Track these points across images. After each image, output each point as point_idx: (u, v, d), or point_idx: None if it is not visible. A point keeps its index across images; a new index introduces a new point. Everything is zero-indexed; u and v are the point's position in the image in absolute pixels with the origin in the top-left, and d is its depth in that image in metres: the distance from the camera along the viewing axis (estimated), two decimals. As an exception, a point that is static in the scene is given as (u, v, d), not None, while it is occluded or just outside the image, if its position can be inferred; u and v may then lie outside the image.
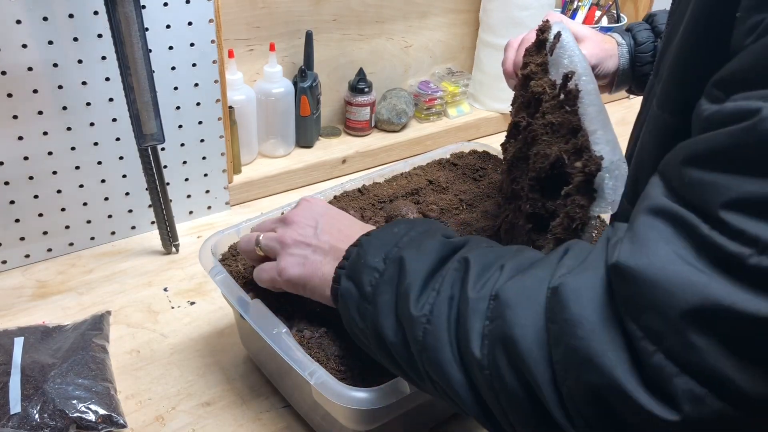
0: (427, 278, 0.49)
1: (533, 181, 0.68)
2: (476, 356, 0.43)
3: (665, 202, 0.37)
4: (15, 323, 0.81)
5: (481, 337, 0.43)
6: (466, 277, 0.46)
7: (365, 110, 1.25)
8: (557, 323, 0.39)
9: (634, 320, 0.36)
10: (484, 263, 0.47)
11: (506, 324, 0.41)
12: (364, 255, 0.54)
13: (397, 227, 0.56)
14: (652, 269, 0.35)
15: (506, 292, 0.43)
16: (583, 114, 0.63)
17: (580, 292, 0.39)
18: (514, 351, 0.41)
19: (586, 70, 0.65)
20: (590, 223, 0.62)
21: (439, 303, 0.47)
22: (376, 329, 0.52)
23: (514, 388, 0.41)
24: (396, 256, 0.52)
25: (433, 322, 0.47)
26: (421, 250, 0.51)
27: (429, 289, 0.48)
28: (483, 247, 0.51)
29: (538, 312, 0.41)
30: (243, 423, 0.72)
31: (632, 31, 0.85)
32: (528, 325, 0.41)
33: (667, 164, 0.40)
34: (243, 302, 0.67)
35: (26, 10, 0.77)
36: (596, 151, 0.60)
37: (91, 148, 0.90)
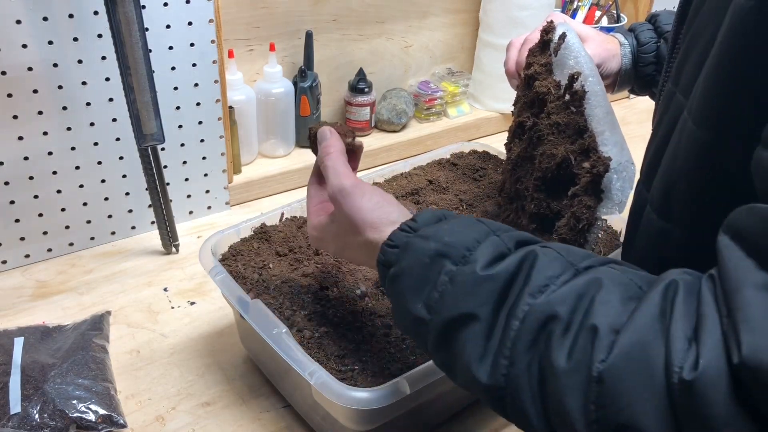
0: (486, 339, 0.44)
1: (539, 181, 0.68)
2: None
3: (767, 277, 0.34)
4: (15, 323, 0.81)
5: (586, 420, 0.38)
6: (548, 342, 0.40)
7: (365, 110, 1.25)
8: (697, 421, 0.34)
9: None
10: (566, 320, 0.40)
11: (622, 414, 0.36)
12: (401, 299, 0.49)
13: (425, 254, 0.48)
14: None
15: (613, 374, 0.37)
16: (590, 115, 0.63)
17: (716, 385, 0.34)
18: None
19: (592, 71, 0.65)
20: (596, 224, 0.62)
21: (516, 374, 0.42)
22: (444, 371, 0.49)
23: None
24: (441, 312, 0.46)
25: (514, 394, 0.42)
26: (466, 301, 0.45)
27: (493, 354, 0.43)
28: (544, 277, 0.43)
29: (658, 394, 0.35)
30: (243, 423, 0.72)
31: (635, 32, 0.85)
32: (649, 413, 0.35)
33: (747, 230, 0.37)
34: (243, 302, 0.67)
35: (26, 10, 0.77)
36: (604, 152, 0.60)
37: (91, 148, 0.90)
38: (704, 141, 0.49)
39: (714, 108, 0.48)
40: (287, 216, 0.83)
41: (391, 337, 0.66)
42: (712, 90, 0.48)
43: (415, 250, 0.49)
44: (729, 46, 0.45)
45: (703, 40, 0.52)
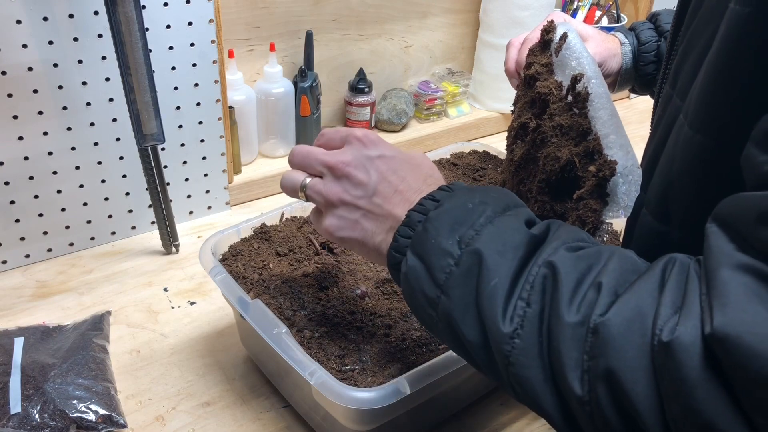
0: (513, 281, 0.45)
1: (542, 184, 0.68)
2: (576, 391, 0.41)
3: (744, 258, 0.36)
4: (15, 323, 0.81)
5: (580, 370, 0.40)
6: (557, 291, 0.43)
7: (365, 110, 1.25)
8: (671, 381, 0.37)
9: (744, 393, 0.34)
10: (577, 277, 0.43)
11: (610, 363, 0.39)
12: (434, 232, 0.48)
13: (470, 200, 0.50)
14: (753, 337, 0.33)
15: (607, 328, 0.39)
16: (594, 117, 0.63)
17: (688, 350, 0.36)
18: (621, 393, 0.39)
19: (595, 72, 0.64)
20: (602, 227, 0.62)
21: (529, 317, 0.43)
22: (450, 322, 0.48)
23: (618, 427, 0.40)
24: (473, 244, 0.47)
25: (523, 338, 0.43)
26: (504, 242, 0.46)
27: (516, 298, 0.44)
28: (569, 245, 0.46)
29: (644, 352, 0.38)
30: (243, 423, 0.72)
31: (635, 31, 0.85)
32: (636, 367, 0.38)
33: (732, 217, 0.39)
34: (243, 302, 0.67)
35: (26, 10, 0.77)
36: (609, 155, 0.60)
37: (91, 148, 0.90)
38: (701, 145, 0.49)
39: (711, 113, 0.48)
40: (287, 216, 0.83)
41: (391, 337, 0.66)
42: (708, 95, 0.48)
43: (461, 196, 0.51)
44: (725, 52, 0.46)
45: (699, 43, 0.52)
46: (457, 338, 0.48)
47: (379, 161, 0.55)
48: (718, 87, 0.47)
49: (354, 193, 0.54)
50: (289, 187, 0.58)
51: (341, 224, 0.54)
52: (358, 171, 0.54)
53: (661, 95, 0.62)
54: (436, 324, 0.49)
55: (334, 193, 0.54)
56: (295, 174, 0.57)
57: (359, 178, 0.54)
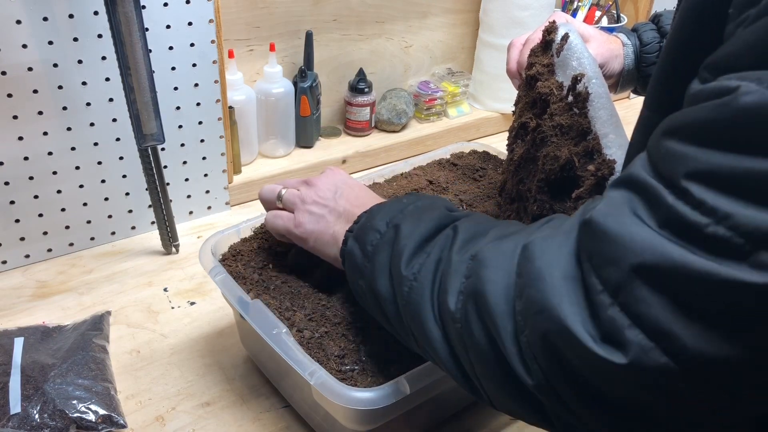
0: (421, 242, 0.53)
1: (542, 183, 0.68)
2: (451, 309, 0.47)
3: (640, 173, 0.39)
4: (15, 323, 0.81)
5: (457, 293, 0.47)
6: (454, 241, 0.51)
7: (365, 110, 1.25)
8: (523, 276, 0.42)
9: (597, 274, 0.38)
10: (473, 232, 0.51)
11: (479, 280, 0.45)
12: (371, 219, 0.59)
13: (406, 198, 0.61)
14: (616, 227, 0.38)
15: (484, 252, 0.47)
16: (593, 117, 0.63)
17: (548, 249, 0.42)
18: (483, 305, 0.44)
19: (596, 73, 0.64)
20: None
21: (428, 264, 0.51)
22: (371, 286, 0.56)
23: (481, 341, 0.45)
24: (396, 222, 0.57)
25: (419, 280, 0.51)
26: (421, 218, 0.56)
27: (421, 252, 0.53)
28: (479, 219, 0.55)
29: (510, 270, 0.44)
30: (243, 423, 0.72)
31: (638, 32, 0.85)
32: (498, 281, 0.44)
33: (652, 138, 0.41)
34: (243, 302, 0.67)
35: (26, 10, 0.77)
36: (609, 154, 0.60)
37: (91, 148, 0.90)
38: (651, 121, 0.51)
39: (663, 91, 0.50)
40: (287, 216, 0.82)
41: (391, 337, 0.66)
42: (661, 73, 0.50)
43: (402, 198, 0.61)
44: (681, 28, 0.48)
45: None
46: (375, 298, 0.56)
47: (344, 180, 0.69)
48: (670, 65, 0.49)
49: (323, 194, 0.67)
50: (267, 193, 0.71)
51: (311, 218, 0.66)
52: (327, 183, 0.68)
53: None
54: (365, 293, 0.58)
55: (309, 194, 0.67)
56: (273, 185, 0.72)
57: (328, 187, 0.68)
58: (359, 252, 0.58)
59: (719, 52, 0.38)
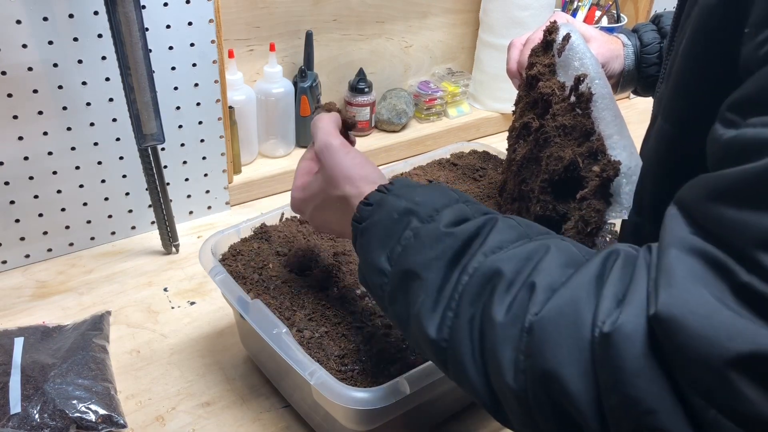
0: (438, 292, 0.46)
1: (545, 184, 0.68)
2: (512, 388, 0.40)
3: (695, 240, 0.35)
4: (15, 323, 0.81)
5: (515, 369, 0.40)
6: (491, 296, 0.42)
7: (365, 110, 1.25)
8: (610, 371, 0.36)
9: (683, 374, 0.34)
10: (509, 278, 0.42)
11: (547, 362, 0.38)
12: (367, 248, 0.51)
13: (395, 210, 0.51)
14: (694, 318, 0.33)
15: (543, 325, 0.39)
16: (597, 118, 0.63)
17: (631, 338, 0.35)
18: (559, 390, 0.38)
19: (599, 73, 0.64)
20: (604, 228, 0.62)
21: (459, 327, 0.44)
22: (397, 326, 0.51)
23: (554, 422, 0.40)
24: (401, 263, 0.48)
25: (455, 346, 0.44)
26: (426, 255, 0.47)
27: (443, 308, 0.45)
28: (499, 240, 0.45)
29: (582, 348, 0.37)
30: (243, 423, 0.72)
31: (638, 32, 0.85)
32: (573, 363, 0.37)
33: (689, 198, 0.38)
34: (243, 302, 0.67)
35: (26, 10, 0.77)
36: (613, 156, 0.60)
37: (91, 148, 0.90)
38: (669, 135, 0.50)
39: (679, 103, 0.49)
40: (287, 216, 0.83)
41: (391, 337, 0.66)
42: (677, 86, 0.49)
43: (387, 206, 0.51)
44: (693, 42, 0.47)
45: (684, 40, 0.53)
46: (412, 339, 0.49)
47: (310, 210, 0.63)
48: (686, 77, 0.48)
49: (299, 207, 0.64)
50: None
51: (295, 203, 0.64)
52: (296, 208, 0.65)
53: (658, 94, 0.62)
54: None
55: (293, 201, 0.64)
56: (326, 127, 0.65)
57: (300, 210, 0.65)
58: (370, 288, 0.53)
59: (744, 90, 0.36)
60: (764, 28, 0.36)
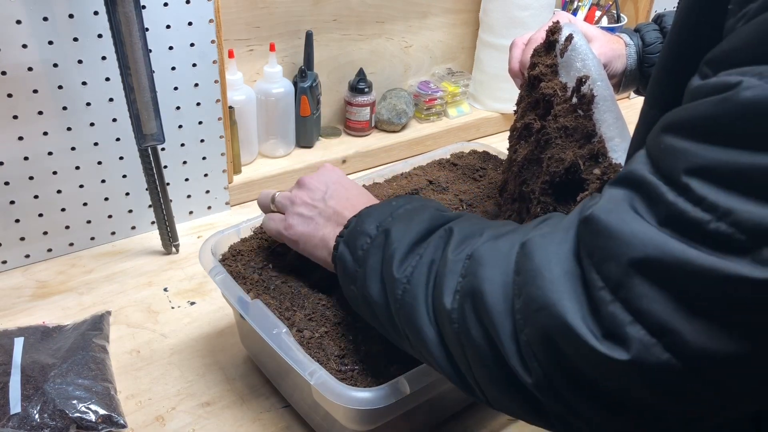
0: (413, 244, 0.53)
1: (546, 185, 0.68)
2: (447, 308, 0.47)
3: (640, 170, 0.39)
4: (15, 323, 0.81)
5: (453, 292, 0.47)
6: (449, 242, 0.50)
7: (365, 110, 1.25)
8: (521, 274, 0.42)
9: (597, 270, 0.38)
10: (468, 232, 0.51)
11: (477, 279, 0.45)
12: (361, 224, 0.59)
13: (396, 201, 0.60)
14: (617, 223, 0.37)
15: (480, 251, 0.46)
16: (599, 120, 0.63)
17: (547, 246, 0.42)
18: (481, 304, 0.44)
19: (601, 75, 0.64)
20: None
21: (420, 266, 0.51)
22: (363, 291, 0.56)
23: (478, 340, 0.44)
24: (387, 226, 0.56)
25: (413, 282, 0.51)
26: (413, 220, 0.55)
27: (413, 254, 0.52)
28: (473, 219, 0.54)
29: (508, 268, 0.44)
30: (243, 423, 0.72)
31: (640, 32, 0.85)
32: (496, 280, 0.44)
33: (651, 134, 0.41)
34: (243, 302, 0.67)
35: (26, 10, 0.77)
36: (614, 158, 0.60)
37: (91, 148, 0.90)
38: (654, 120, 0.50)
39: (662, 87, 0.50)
40: (287, 216, 0.83)
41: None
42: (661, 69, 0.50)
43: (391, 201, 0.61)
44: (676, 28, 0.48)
45: None
46: (368, 304, 0.56)
47: (336, 179, 0.68)
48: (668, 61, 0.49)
49: (313, 196, 0.67)
50: (262, 198, 0.72)
51: (300, 221, 0.66)
52: (318, 182, 0.68)
53: None
54: (357, 298, 0.58)
55: (298, 195, 0.67)
56: (269, 191, 0.72)
57: (318, 186, 0.67)
58: (350, 257, 0.58)
59: (719, 48, 0.38)
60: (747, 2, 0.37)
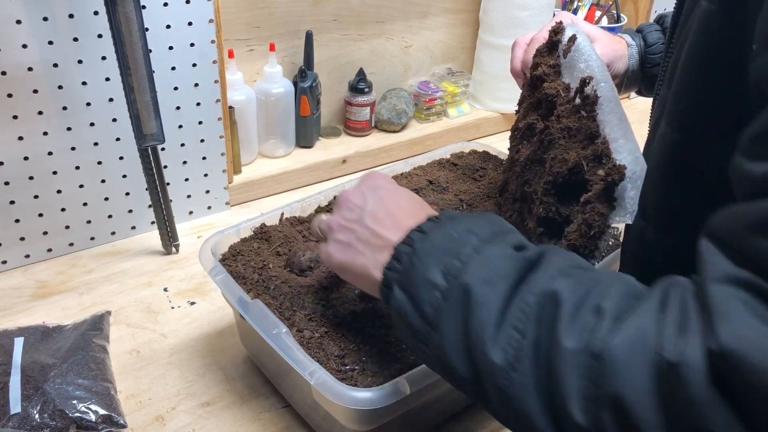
0: (503, 309, 0.44)
1: (549, 185, 0.68)
2: (577, 420, 0.40)
3: (740, 272, 0.36)
4: (15, 323, 0.81)
5: (582, 398, 0.39)
6: (556, 319, 0.41)
7: (365, 110, 1.25)
8: (678, 401, 0.36)
9: (750, 406, 0.34)
10: (575, 302, 0.42)
11: (614, 389, 0.38)
12: (419, 265, 0.49)
13: (455, 229, 0.50)
14: (757, 353, 0.33)
15: (612, 353, 0.39)
16: (603, 121, 0.62)
17: (696, 368, 0.36)
18: (627, 419, 0.38)
19: (605, 76, 0.64)
20: (607, 231, 0.62)
21: (524, 349, 0.42)
22: (441, 358, 0.47)
23: None
24: (460, 276, 0.46)
25: (519, 371, 0.42)
26: (491, 271, 0.46)
27: (508, 327, 0.43)
28: (565, 268, 0.45)
29: (648, 374, 0.38)
30: (243, 423, 0.72)
31: (642, 32, 0.85)
32: (639, 389, 0.38)
33: (724, 230, 0.38)
34: (243, 302, 0.67)
35: (26, 10, 0.77)
36: (618, 160, 0.60)
37: (91, 148, 0.90)
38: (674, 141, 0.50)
39: (683, 108, 0.49)
40: (287, 216, 0.83)
41: (391, 337, 0.66)
42: (680, 90, 0.49)
43: (447, 226, 0.50)
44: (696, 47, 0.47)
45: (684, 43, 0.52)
46: (451, 374, 0.47)
47: (378, 190, 0.58)
48: (689, 82, 0.48)
49: (349, 216, 0.57)
50: (314, 225, 0.66)
51: (337, 248, 0.57)
52: (355, 197, 0.58)
53: (658, 96, 0.62)
54: (429, 358, 0.49)
55: (334, 219, 0.58)
56: (320, 217, 0.65)
57: (355, 203, 0.57)
58: (412, 308, 0.48)
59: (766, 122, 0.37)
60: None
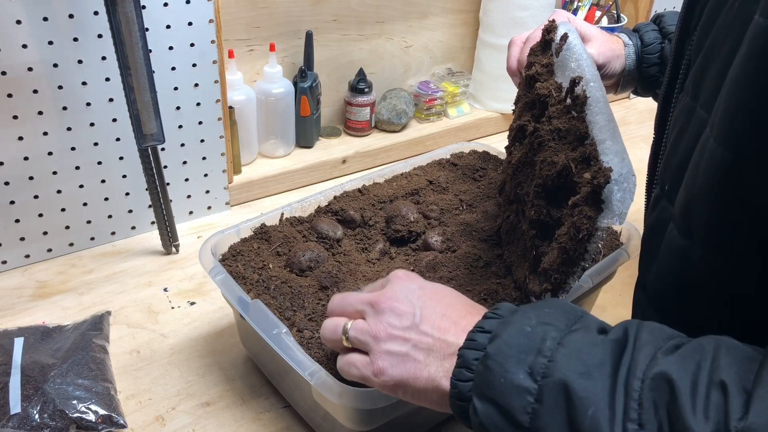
0: (611, 403, 0.40)
1: (539, 188, 0.68)
2: None
3: None
4: (15, 323, 0.81)
5: None
6: (677, 404, 0.38)
7: (365, 110, 1.25)
8: None
9: None
10: (691, 380, 0.39)
11: None
12: (498, 369, 0.44)
13: (526, 323, 0.46)
14: None
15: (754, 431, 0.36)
16: (590, 122, 0.62)
17: None
18: None
19: (594, 76, 0.64)
20: (597, 234, 0.61)
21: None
22: None
23: None
24: (551, 374, 0.43)
25: None
26: (584, 362, 0.42)
27: (624, 421, 0.39)
28: (660, 343, 0.42)
29: None
30: (243, 423, 0.72)
31: (639, 32, 0.84)
32: None
33: None
34: (243, 302, 0.67)
35: (26, 10, 0.77)
36: (605, 162, 0.60)
37: (91, 148, 0.90)
38: (724, 160, 0.47)
39: (734, 128, 0.47)
40: (287, 216, 0.83)
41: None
42: (733, 109, 0.47)
43: (516, 321, 0.47)
44: (750, 65, 0.44)
45: (721, 55, 0.50)
46: None
47: (420, 291, 0.54)
48: (742, 101, 0.46)
49: (400, 324, 0.51)
50: (329, 332, 0.55)
51: (392, 361, 0.51)
52: (401, 303, 0.52)
53: (677, 104, 0.60)
54: None
55: (381, 328, 0.52)
56: (336, 320, 0.56)
57: (403, 309, 0.52)
58: (501, 419, 0.44)
59: None
60: None
